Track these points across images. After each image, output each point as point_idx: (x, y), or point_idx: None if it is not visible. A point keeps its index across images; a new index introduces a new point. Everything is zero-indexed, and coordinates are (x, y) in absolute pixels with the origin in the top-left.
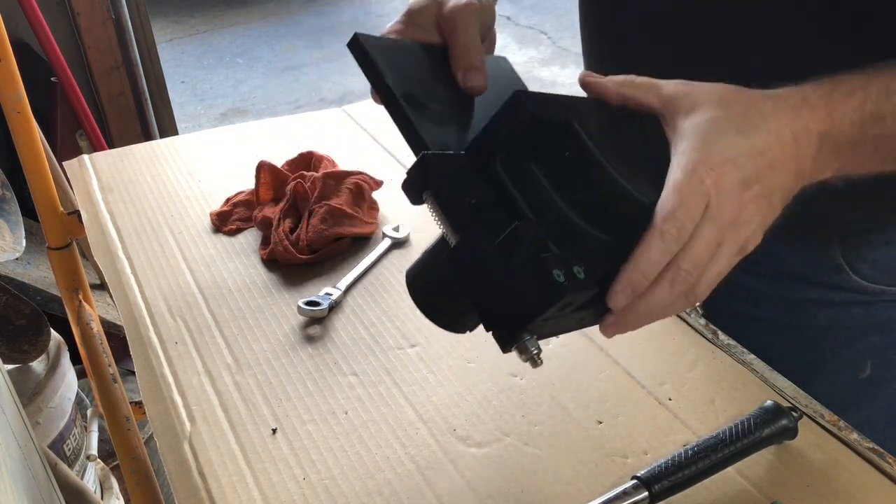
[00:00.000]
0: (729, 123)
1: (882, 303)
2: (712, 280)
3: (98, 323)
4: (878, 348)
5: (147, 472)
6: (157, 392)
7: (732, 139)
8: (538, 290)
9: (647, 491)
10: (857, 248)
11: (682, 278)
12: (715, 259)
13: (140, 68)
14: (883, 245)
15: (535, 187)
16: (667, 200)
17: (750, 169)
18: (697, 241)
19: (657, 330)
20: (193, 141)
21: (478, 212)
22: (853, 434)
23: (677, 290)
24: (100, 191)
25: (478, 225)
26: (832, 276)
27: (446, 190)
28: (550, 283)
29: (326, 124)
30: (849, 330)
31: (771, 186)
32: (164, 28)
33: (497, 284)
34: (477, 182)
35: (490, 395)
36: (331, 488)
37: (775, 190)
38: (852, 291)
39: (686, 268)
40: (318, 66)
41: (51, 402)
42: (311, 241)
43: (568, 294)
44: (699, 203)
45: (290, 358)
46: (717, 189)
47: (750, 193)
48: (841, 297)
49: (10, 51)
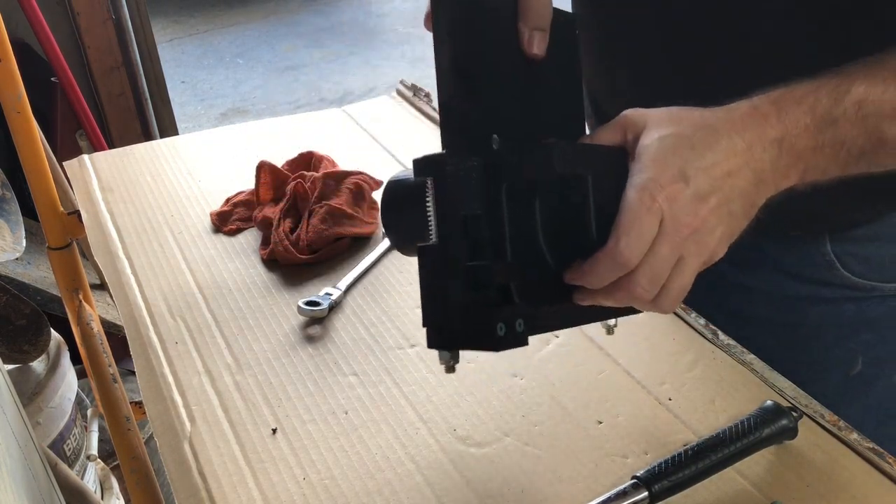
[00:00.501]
0: (679, 140)
1: (873, 299)
2: (677, 293)
3: (98, 323)
4: (870, 345)
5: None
6: (157, 392)
7: (683, 154)
8: (476, 333)
9: (646, 491)
10: (848, 243)
11: (638, 293)
12: (677, 272)
13: (140, 68)
14: (873, 241)
15: (526, 222)
16: (619, 220)
17: (704, 181)
18: (654, 258)
19: (657, 330)
20: (193, 141)
21: (465, 225)
22: (853, 434)
23: (640, 300)
24: (100, 191)
25: (460, 241)
26: (823, 272)
27: (447, 193)
28: (489, 334)
29: (326, 124)
30: (840, 327)
31: (729, 195)
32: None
33: (447, 301)
34: (477, 194)
35: (490, 395)
36: (331, 488)
37: (734, 198)
38: (843, 288)
39: (643, 284)
40: (318, 66)
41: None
42: (311, 241)
43: (500, 349)
44: (652, 221)
45: (290, 358)
46: (671, 205)
47: (707, 206)
48: (832, 294)
49: (10, 51)
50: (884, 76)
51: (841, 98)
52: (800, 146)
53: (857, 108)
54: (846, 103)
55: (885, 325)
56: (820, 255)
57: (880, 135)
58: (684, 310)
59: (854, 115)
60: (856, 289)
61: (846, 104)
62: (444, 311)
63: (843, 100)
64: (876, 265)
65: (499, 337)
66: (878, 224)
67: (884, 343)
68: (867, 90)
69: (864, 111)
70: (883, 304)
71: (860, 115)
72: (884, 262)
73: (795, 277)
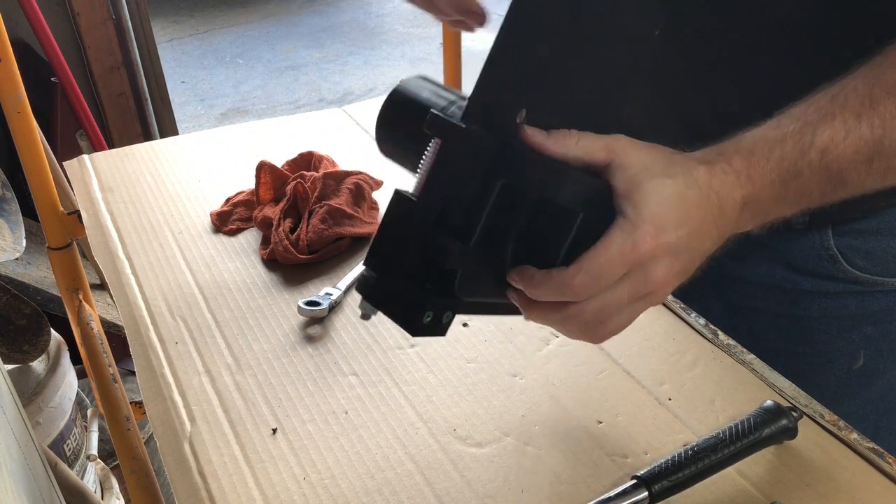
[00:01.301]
0: (672, 192)
1: (876, 293)
2: (615, 330)
3: (98, 323)
4: (872, 339)
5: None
6: (157, 392)
7: (676, 213)
8: (403, 310)
9: (646, 491)
10: (851, 237)
11: (579, 323)
12: (625, 313)
13: (140, 68)
14: (876, 235)
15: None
16: (590, 254)
17: (682, 239)
18: (611, 298)
19: (657, 330)
20: (193, 141)
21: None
22: (853, 434)
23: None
24: (100, 191)
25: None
26: (826, 265)
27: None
28: (414, 317)
29: (326, 124)
30: (842, 321)
31: (695, 255)
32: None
33: (396, 258)
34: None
35: (490, 395)
36: (331, 488)
37: (696, 257)
38: (846, 282)
39: (588, 317)
40: (318, 66)
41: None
42: (311, 241)
43: (416, 335)
44: (621, 271)
45: (290, 358)
46: (650, 261)
47: (677, 264)
48: (835, 288)
49: (10, 51)
50: (844, 118)
51: (806, 149)
52: (763, 199)
53: (821, 156)
54: (811, 154)
55: (887, 319)
56: (823, 248)
57: (841, 179)
58: (684, 309)
59: (818, 164)
60: (858, 283)
61: (811, 155)
62: (387, 270)
63: (808, 151)
64: (879, 260)
65: (422, 324)
66: (880, 218)
67: (886, 337)
68: (831, 136)
69: (827, 158)
70: (886, 298)
71: (823, 163)
72: (887, 256)
73: (798, 271)
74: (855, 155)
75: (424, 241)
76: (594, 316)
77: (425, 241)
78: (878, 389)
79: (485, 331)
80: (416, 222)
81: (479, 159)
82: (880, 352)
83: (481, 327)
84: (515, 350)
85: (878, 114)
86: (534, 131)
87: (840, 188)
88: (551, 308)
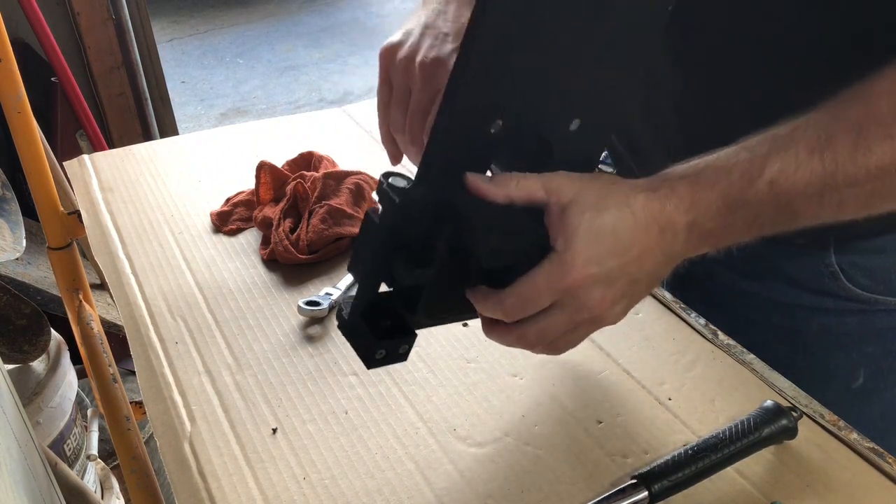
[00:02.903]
0: (600, 224)
1: (878, 312)
2: (565, 347)
3: (98, 323)
4: (873, 358)
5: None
6: (157, 392)
7: (603, 242)
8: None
9: (646, 490)
10: (853, 255)
11: (526, 341)
12: (571, 334)
13: (140, 68)
14: (877, 253)
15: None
16: (521, 282)
17: (616, 267)
18: (546, 322)
19: (657, 330)
20: (193, 141)
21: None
22: (853, 434)
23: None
24: (100, 191)
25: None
26: (827, 282)
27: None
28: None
29: (326, 124)
30: (841, 338)
31: (636, 276)
32: (165, 28)
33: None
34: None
35: (490, 395)
36: (331, 488)
37: (641, 278)
38: (847, 300)
39: (529, 337)
40: (318, 66)
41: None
42: (311, 241)
43: (371, 367)
44: (548, 299)
45: (290, 358)
46: (577, 290)
47: (613, 291)
48: (835, 305)
49: (10, 51)
50: (797, 151)
51: (754, 180)
52: (710, 227)
53: (770, 187)
54: (758, 185)
55: (889, 338)
56: (824, 265)
57: (792, 210)
58: (684, 310)
59: (766, 195)
60: (859, 301)
61: (758, 185)
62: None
63: (755, 182)
64: (881, 278)
65: (376, 359)
66: (884, 237)
67: (887, 356)
68: (780, 168)
69: (776, 189)
70: (888, 317)
71: (772, 194)
72: (889, 275)
73: (799, 286)
74: (805, 188)
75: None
76: (536, 337)
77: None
78: (878, 409)
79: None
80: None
81: (418, 220)
82: (881, 371)
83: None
84: (515, 350)
85: (831, 148)
86: (475, 178)
87: (793, 219)
88: (503, 327)
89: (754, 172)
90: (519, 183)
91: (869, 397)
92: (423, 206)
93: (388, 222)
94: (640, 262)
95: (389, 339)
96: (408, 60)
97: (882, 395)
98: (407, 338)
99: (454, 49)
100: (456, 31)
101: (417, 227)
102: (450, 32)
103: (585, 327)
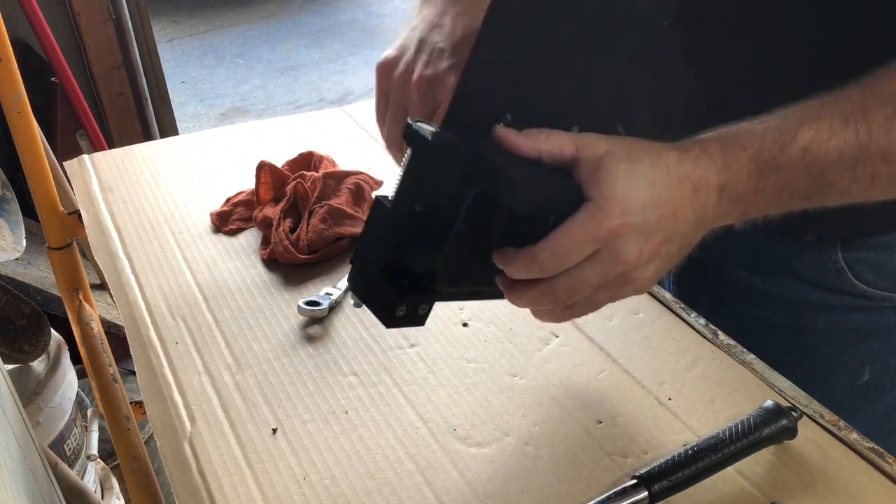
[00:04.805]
0: (637, 174)
1: (884, 309)
2: (586, 310)
3: (98, 323)
4: (879, 355)
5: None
6: (157, 392)
7: (639, 190)
8: (379, 302)
9: (646, 490)
10: (859, 251)
11: (553, 298)
12: (597, 294)
13: (140, 68)
14: (884, 249)
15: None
16: (556, 234)
17: (653, 219)
18: (580, 277)
19: (657, 330)
20: (193, 141)
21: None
22: (853, 434)
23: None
24: (100, 191)
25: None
26: (833, 278)
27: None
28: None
29: (326, 124)
30: (848, 334)
31: (671, 235)
32: (165, 28)
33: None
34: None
35: (490, 395)
36: (331, 488)
37: (674, 238)
38: (853, 296)
39: (559, 291)
40: (318, 66)
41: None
42: (311, 241)
43: (391, 327)
44: (585, 249)
45: (290, 358)
46: (614, 239)
47: (649, 245)
48: (841, 301)
49: (11, 51)
50: (830, 120)
51: (786, 145)
52: (741, 191)
53: (802, 154)
54: (791, 150)
55: (894, 334)
56: (831, 261)
57: (825, 180)
58: (684, 310)
59: (798, 162)
60: (866, 297)
61: (791, 151)
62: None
63: (788, 147)
64: (887, 275)
65: (396, 317)
66: (891, 234)
67: (893, 353)
68: (813, 136)
69: (809, 157)
70: (893, 313)
71: (804, 162)
72: (894, 271)
73: (805, 282)
74: (839, 157)
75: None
76: (565, 292)
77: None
78: (883, 406)
79: (485, 331)
80: (389, 229)
81: (446, 168)
82: (886, 368)
83: (481, 327)
84: (515, 350)
85: (866, 120)
86: (506, 131)
87: (825, 190)
88: (527, 286)
89: (787, 138)
90: (549, 136)
91: (874, 395)
92: (455, 150)
93: (417, 164)
94: (675, 218)
95: (410, 295)
96: (404, 78)
97: (887, 394)
98: (427, 297)
99: (450, 66)
100: (452, 47)
101: (443, 177)
102: (446, 48)
103: (614, 286)
